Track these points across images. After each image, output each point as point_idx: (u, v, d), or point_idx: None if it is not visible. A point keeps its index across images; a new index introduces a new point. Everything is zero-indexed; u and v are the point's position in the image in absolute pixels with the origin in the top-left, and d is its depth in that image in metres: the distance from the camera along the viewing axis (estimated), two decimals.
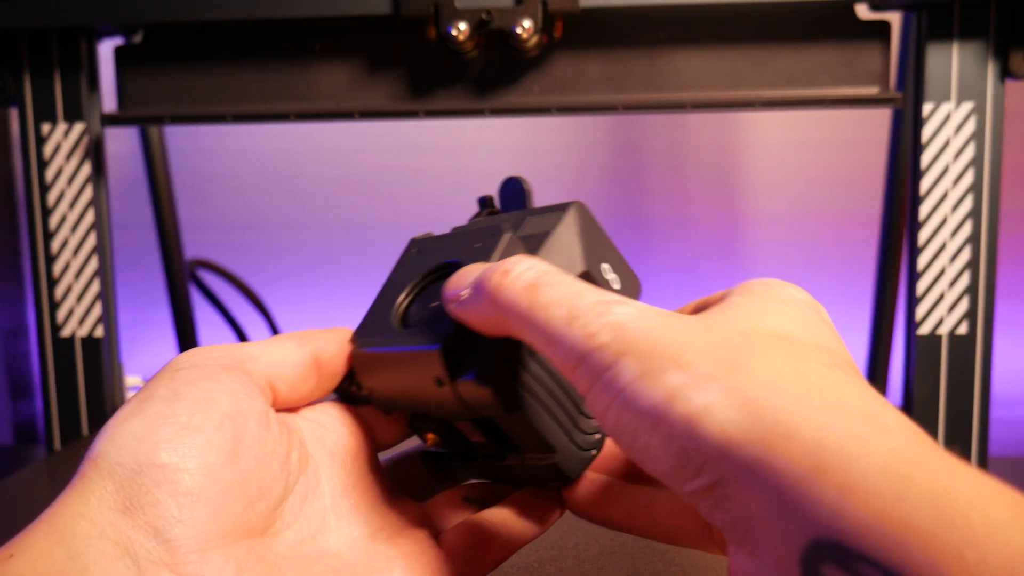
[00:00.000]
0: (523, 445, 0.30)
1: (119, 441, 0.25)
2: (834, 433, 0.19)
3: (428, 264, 0.32)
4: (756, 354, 0.22)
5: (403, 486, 0.33)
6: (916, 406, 0.60)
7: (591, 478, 0.31)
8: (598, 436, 0.31)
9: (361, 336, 0.32)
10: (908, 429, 0.20)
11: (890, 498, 0.18)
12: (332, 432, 0.31)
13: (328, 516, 0.29)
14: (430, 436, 0.32)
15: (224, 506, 0.25)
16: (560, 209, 0.30)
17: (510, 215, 0.32)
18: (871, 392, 0.21)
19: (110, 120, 0.63)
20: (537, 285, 0.25)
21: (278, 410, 0.30)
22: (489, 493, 0.33)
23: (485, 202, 0.34)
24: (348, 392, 0.32)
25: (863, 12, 0.59)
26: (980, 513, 0.17)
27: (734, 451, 0.20)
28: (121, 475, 0.24)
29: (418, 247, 0.34)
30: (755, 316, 0.24)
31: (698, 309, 0.28)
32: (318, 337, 0.31)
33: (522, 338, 0.26)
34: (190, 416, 0.26)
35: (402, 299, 0.32)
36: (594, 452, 0.31)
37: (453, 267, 0.31)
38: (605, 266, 0.30)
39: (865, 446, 0.19)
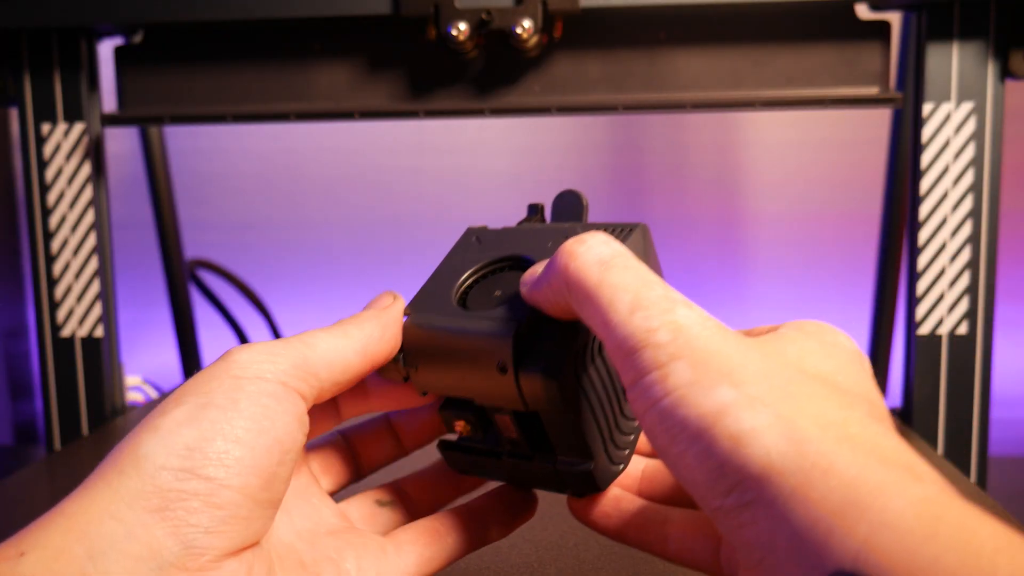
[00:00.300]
0: (559, 448, 0.30)
1: (170, 446, 0.25)
2: (871, 474, 0.20)
3: (491, 254, 0.32)
4: (806, 390, 0.22)
5: (321, 480, 0.33)
6: (916, 406, 0.60)
7: (605, 491, 0.31)
8: (628, 451, 0.31)
9: (415, 311, 0.31)
10: (940, 480, 0.21)
11: (920, 537, 0.18)
12: None
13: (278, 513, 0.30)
14: (460, 424, 0.31)
15: (252, 523, 0.25)
16: (627, 228, 0.30)
17: (575, 224, 0.32)
18: (906, 446, 0.22)
19: (110, 120, 0.63)
20: (609, 264, 0.25)
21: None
22: (397, 496, 0.33)
23: (536, 209, 0.34)
24: (386, 366, 0.31)
25: (863, 12, 0.59)
26: (1007, 558, 0.18)
27: (774, 477, 0.20)
28: (164, 480, 0.24)
29: (477, 236, 0.34)
30: (807, 355, 0.24)
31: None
32: (378, 340, 0.30)
33: (583, 316, 0.26)
34: (246, 431, 0.26)
35: (463, 282, 0.32)
36: (622, 467, 0.31)
37: (523, 261, 0.31)
38: None
39: (900, 489, 0.19)
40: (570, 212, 0.33)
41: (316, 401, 0.29)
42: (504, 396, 0.29)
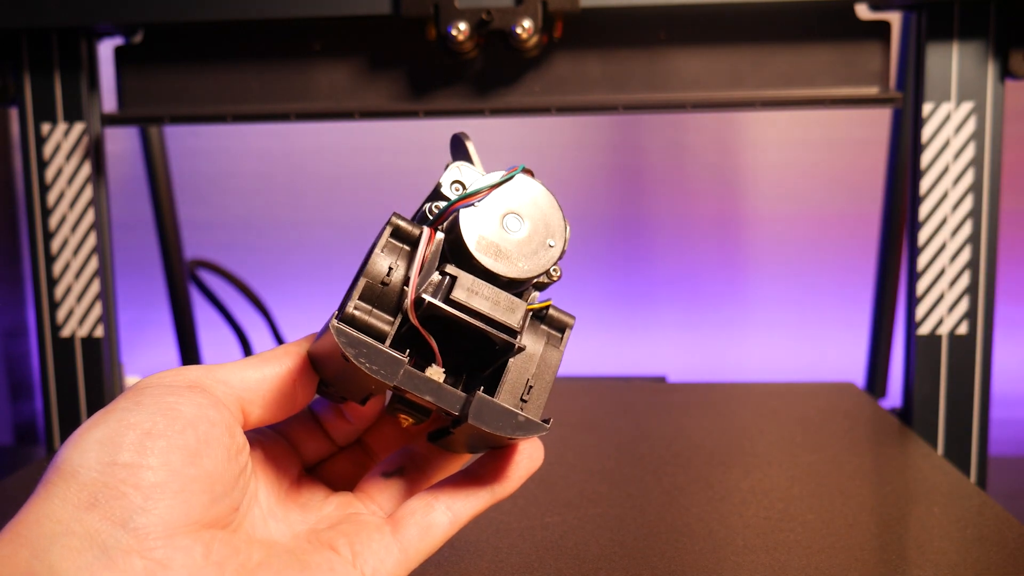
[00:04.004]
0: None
1: (82, 447, 0.26)
2: None
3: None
4: None
5: (333, 482, 0.35)
6: (916, 406, 0.60)
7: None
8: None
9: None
10: None
11: None
12: (259, 448, 0.33)
13: (268, 521, 0.31)
14: (401, 416, 0.32)
15: (189, 497, 0.26)
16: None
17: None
18: None
19: (110, 120, 0.63)
20: None
21: (256, 426, 0.31)
22: (409, 462, 0.34)
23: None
24: (321, 390, 0.33)
25: (863, 12, 0.59)
26: None
27: None
28: (85, 476, 0.25)
29: None
30: None
31: None
32: (284, 354, 0.31)
33: None
34: (153, 423, 0.27)
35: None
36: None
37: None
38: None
39: None
40: (459, 152, 0.34)
41: (248, 415, 0.30)
42: (370, 379, 0.29)
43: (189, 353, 0.90)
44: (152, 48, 0.62)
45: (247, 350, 0.90)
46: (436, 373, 0.31)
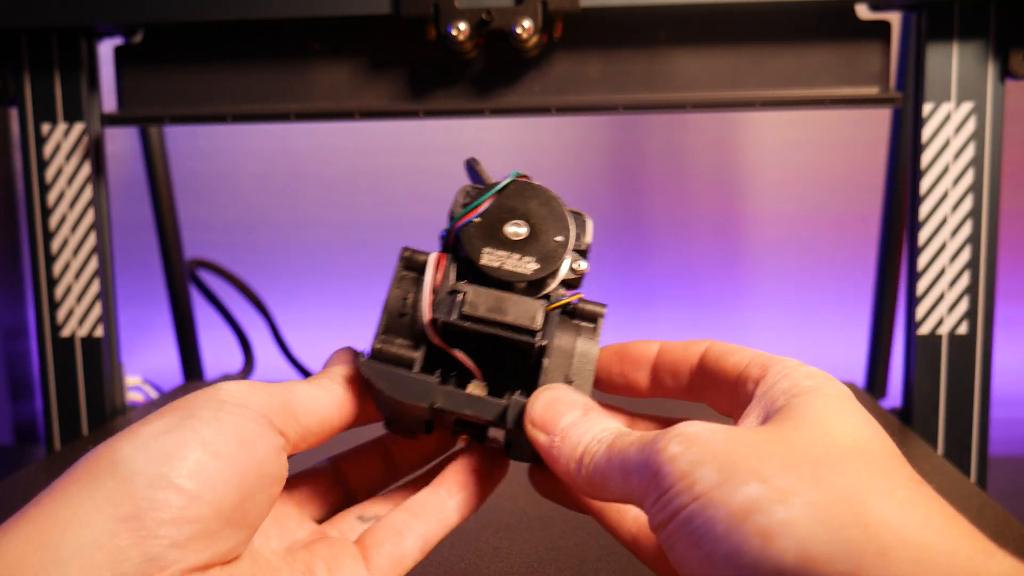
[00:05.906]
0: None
1: (148, 451, 0.25)
2: (936, 553, 0.19)
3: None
4: (839, 468, 0.22)
5: (304, 508, 0.33)
6: (916, 406, 0.60)
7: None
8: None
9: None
10: (1002, 551, 0.20)
11: None
12: None
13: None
14: (463, 438, 0.33)
15: (219, 542, 0.25)
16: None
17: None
18: (951, 507, 0.21)
19: (110, 120, 0.63)
20: (612, 444, 0.26)
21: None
22: (383, 509, 0.33)
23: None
24: (389, 425, 0.32)
25: (863, 12, 0.59)
26: None
27: (816, 568, 0.19)
28: (138, 485, 0.24)
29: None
30: (827, 423, 0.24)
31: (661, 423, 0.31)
32: (352, 392, 0.31)
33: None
34: (227, 446, 0.26)
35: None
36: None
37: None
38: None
39: (972, 568, 0.18)
40: (472, 176, 0.35)
41: (296, 449, 0.29)
42: (408, 406, 0.30)
43: (189, 353, 0.90)
44: (152, 48, 0.62)
45: (247, 350, 0.90)
46: (478, 388, 0.31)
